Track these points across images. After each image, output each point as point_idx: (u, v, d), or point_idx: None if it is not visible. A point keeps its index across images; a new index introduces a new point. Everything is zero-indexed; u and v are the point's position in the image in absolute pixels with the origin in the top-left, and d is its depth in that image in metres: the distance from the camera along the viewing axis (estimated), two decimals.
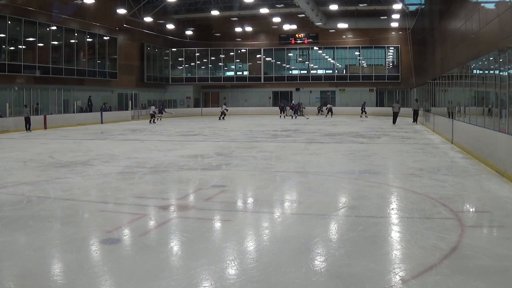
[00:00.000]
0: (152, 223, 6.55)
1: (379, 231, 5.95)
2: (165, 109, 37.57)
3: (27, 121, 24.27)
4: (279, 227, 6.37)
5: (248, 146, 16.53)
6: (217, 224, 6.60)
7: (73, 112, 31.64)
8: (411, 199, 7.85)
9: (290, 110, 38.98)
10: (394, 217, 6.80)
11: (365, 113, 38.52)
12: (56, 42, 31.31)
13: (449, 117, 18.41)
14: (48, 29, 30.36)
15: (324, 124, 29.11)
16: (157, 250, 5.30)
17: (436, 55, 28.68)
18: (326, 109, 39.60)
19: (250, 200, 8.35)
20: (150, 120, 32.65)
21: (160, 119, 35.54)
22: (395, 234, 5.96)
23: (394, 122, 29.19)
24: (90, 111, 33.32)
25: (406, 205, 7.50)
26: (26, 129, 24.18)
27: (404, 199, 7.98)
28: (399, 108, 30.38)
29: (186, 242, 5.60)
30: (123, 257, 5.14)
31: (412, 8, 38.24)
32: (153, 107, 33.72)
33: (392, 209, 7.33)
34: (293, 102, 41.74)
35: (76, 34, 32.97)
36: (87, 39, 34.43)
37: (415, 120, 30.01)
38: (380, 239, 5.64)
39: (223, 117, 36.16)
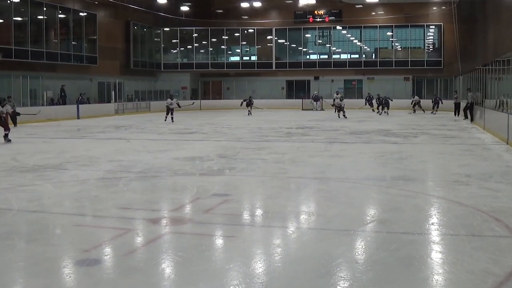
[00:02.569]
0: (139, 240, 6.56)
1: (416, 251, 5.92)
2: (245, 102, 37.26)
3: (15, 115, 24.28)
4: (293, 245, 6.37)
5: (256, 146, 16.55)
6: (219, 241, 6.60)
7: (43, 105, 31.77)
8: (455, 212, 7.81)
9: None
10: (434, 234, 6.76)
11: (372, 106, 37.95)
12: (19, 18, 31.29)
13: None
14: (8, 1, 30.31)
15: (348, 120, 29.07)
16: (145, 273, 5.31)
17: (489, 34, 28.54)
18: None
19: (258, 212, 8.35)
20: (166, 117, 28.87)
21: (250, 113, 35.40)
22: (436, 255, 5.93)
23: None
24: (64, 103, 33.46)
25: (449, 219, 7.46)
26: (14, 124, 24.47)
27: (447, 212, 7.94)
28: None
29: (181, 263, 5.61)
30: (103, 282, 5.14)
31: None
32: (169, 100, 29.77)
33: (432, 224, 7.29)
34: (315, 93, 41.66)
35: (45, 9, 33.00)
36: (59, 15, 34.52)
37: (470, 117, 27.97)
38: (418, 261, 5.61)
39: (343, 114, 31.33)
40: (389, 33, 46.39)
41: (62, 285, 5.07)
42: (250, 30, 48.05)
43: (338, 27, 46.68)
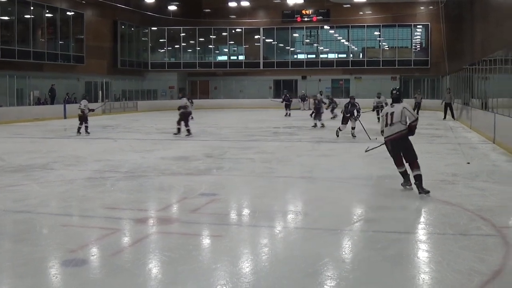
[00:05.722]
0: (126, 239, 6.55)
1: (403, 250, 5.95)
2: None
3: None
4: (280, 245, 6.38)
5: (243, 146, 16.55)
6: (206, 241, 6.60)
7: (29, 105, 31.56)
8: (442, 211, 7.85)
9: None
10: (421, 233, 6.80)
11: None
12: (6, 18, 31.09)
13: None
14: None
15: (336, 120, 29.08)
16: (132, 273, 5.30)
17: (476, 34, 28.68)
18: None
19: (245, 211, 8.36)
20: (83, 128, 20.53)
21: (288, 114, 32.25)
22: (422, 253, 5.96)
23: (444, 117, 29.20)
24: (52, 103, 33.24)
25: (436, 218, 7.50)
26: None
27: (433, 211, 7.98)
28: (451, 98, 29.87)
29: (168, 262, 5.60)
30: (90, 282, 5.13)
31: None
32: (84, 102, 20.65)
33: (419, 223, 7.33)
34: (303, 92, 41.31)
35: (32, 8, 32.81)
36: (46, 15, 34.32)
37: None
38: (404, 259, 5.64)
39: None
40: (377, 33, 46.53)
41: (49, 286, 5.05)
42: (237, 30, 48.01)
43: (325, 27, 46.74)
